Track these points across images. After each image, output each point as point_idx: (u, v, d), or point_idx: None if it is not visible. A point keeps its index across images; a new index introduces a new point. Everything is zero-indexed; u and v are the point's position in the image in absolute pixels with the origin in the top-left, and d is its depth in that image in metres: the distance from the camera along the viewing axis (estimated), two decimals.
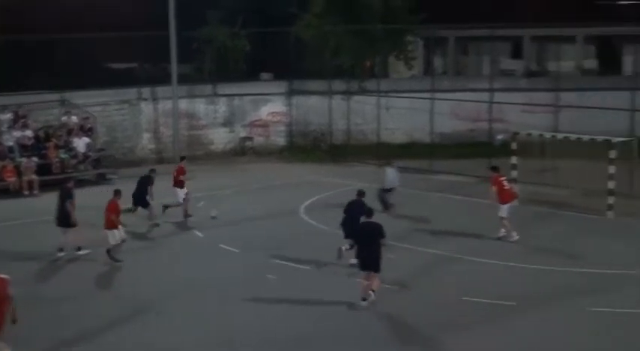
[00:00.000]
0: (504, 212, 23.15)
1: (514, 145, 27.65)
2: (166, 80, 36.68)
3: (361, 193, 21.17)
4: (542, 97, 36.53)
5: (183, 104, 37.76)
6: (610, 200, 25.76)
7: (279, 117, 40.18)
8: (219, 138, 39.38)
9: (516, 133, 28.17)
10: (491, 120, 34.12)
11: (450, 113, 37.71)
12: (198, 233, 24.57)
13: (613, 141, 25.66)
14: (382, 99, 37.33)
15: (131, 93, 37.35)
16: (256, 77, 41.82)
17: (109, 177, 32.87)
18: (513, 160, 27.20)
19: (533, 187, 24.57)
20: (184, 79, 38.08)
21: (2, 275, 13.96)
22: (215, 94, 39.37)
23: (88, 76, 36.27)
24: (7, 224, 25.73)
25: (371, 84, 38.53)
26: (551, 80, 38.77)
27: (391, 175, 26.67)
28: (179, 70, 36.68)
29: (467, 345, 15.94)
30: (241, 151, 39.31)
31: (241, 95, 39.69)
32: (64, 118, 34.37)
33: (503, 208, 23.15)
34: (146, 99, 37.66)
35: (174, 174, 26.36)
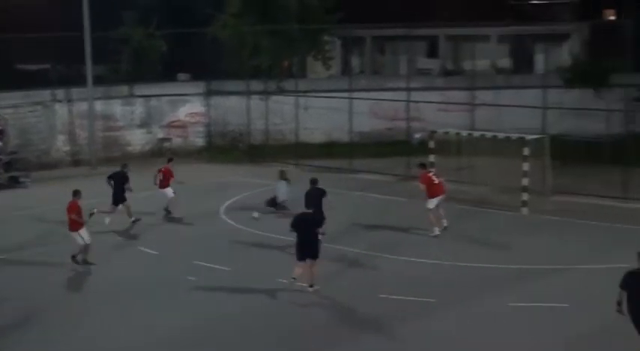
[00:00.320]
0: (431, 204, 23.57)
1: (432, 144, 27.97)
2: (82, 81, 36.10)
3: (315, 181, 22.40)
4: (458, 96, 37.05)
5: (99, 105, 37.22)
6: (524, 197, 26.26)
7: (197, 117, 39.92)
8: (136, 139, 38.92)
9: (434, 132, 28.51)
10: (408, 119, 34.46)
11: (369, 112, 38.00)
12: (117, 236, 24.23)
13: (526, 139, 26.15)
14: (300, 99, 37.37)
15: (45, 94, 36.62)
16: (174, 78, 41.48)
17: (22, 180, 32.21)
18: (431, 159, 27.50)
19: (451, 185, 24.91)
20: (100, 81, 37.54)
21: None
22: (132, 95, 38.89)
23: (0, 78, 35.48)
24: None
25: (289, 84, 38.54)
26: (466, 79, 39.33)
27: (282, 189, 26.66)
28: (95, 71, 36.14)
29: (383, 343, 16.02)
30: (159, 153, 38.88)
31: (159, 96, 39.31)
32: None
33: (431, 201, 23.57)
34: (60, 101, 36.99)
35: (159, 177, 26.31)
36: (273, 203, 26.52)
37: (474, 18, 38.82)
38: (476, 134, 28.37)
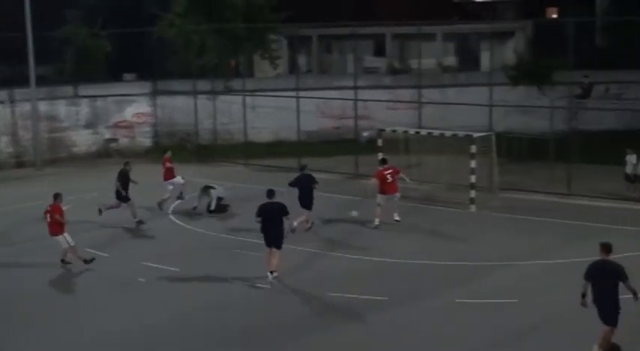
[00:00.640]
0: (382, 200, 24.17)
1: (380, 142, 28.11)
2: (24, 82, 35.57)
3: (304, 167, 24.00)
4: (405, 94, 37.24)
5: (43, 106, 36.75)
6: (472, 194, 26.52)
7: (144, 118, 39.62)
8: (82, 140, 38.49)
9: (382, 130, 28.66)
10: (356, 117, 34.57)
11: (316, 111, 38.08)
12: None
13: (473, 136, 26.41)
14: (248, 98, 37.27)
15: None
16: (119, 78, 41.08)
17: None
18: (379, 157, 27.61)
19: (400, 183, 25.07)
20: (44, 81, 37.03)
21: None
22: (76, 96, 38.46)
23: None
24: None
25: (236, 83, 38.40)
26: (413, 77, 39.55)
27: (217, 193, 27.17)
28: (38, 72, 35.69)
29: (331, 341, 16.06)
30: (106, 153, 38.52)
31: (104, 96, 38.95)
32: None
33: (381, 197, 24.20)
34: (3, 102, 36.42)
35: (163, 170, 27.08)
36: (217, 208, 26.60)
37: (420, 17, 39.06)
38: (423, 132, 28.56)
